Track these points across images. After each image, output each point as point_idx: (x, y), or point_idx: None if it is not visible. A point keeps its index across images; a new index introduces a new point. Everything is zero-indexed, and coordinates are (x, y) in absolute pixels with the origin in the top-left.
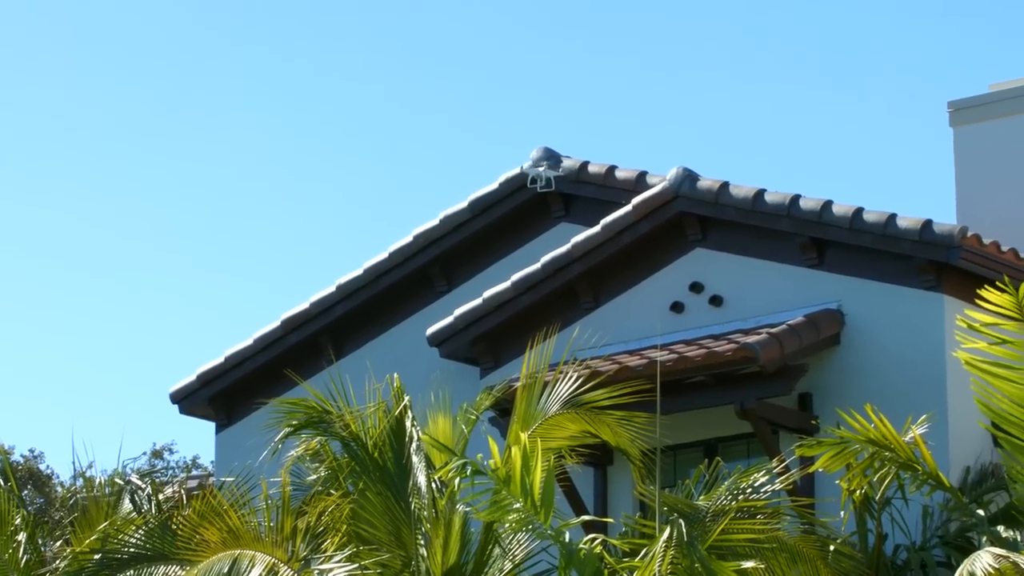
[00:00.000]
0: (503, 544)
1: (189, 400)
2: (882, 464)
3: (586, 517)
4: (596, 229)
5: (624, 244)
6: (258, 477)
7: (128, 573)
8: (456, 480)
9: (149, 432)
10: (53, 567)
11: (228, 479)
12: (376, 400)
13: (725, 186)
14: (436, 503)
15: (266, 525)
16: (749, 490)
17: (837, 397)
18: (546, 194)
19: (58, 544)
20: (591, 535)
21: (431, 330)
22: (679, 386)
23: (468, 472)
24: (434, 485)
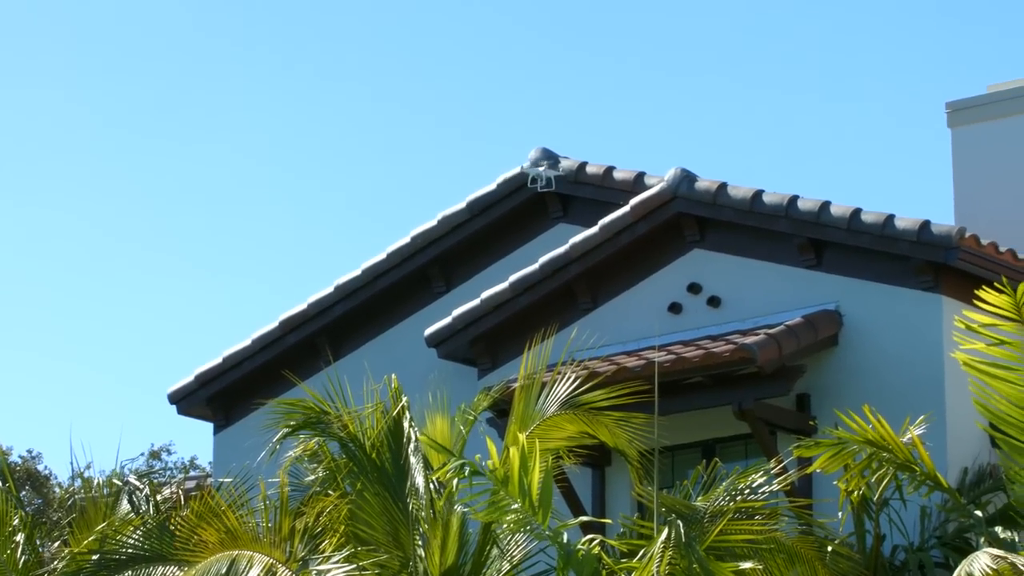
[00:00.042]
0: (501, 545)
1: (187, 401)
2: (880, 465)
3: (584, 518)
4: (594, 230)
5: (622, 245)
6: (256, 478)
7: (126, 574)
8: (454, 481)
9: (147, 433)
10: (51, 568)
11: (226, 480)
12: (374, 401)
13: (723, 187)
14: (434, 504)
15: (264, 526)
16: (747, 491)
17: (835, 398)
18: (544, 195)
19: (56, 545)
20: (589, 536)
21: (429, 331)
22: (677, 387)
23: (466, 473)
24: (432, 486)
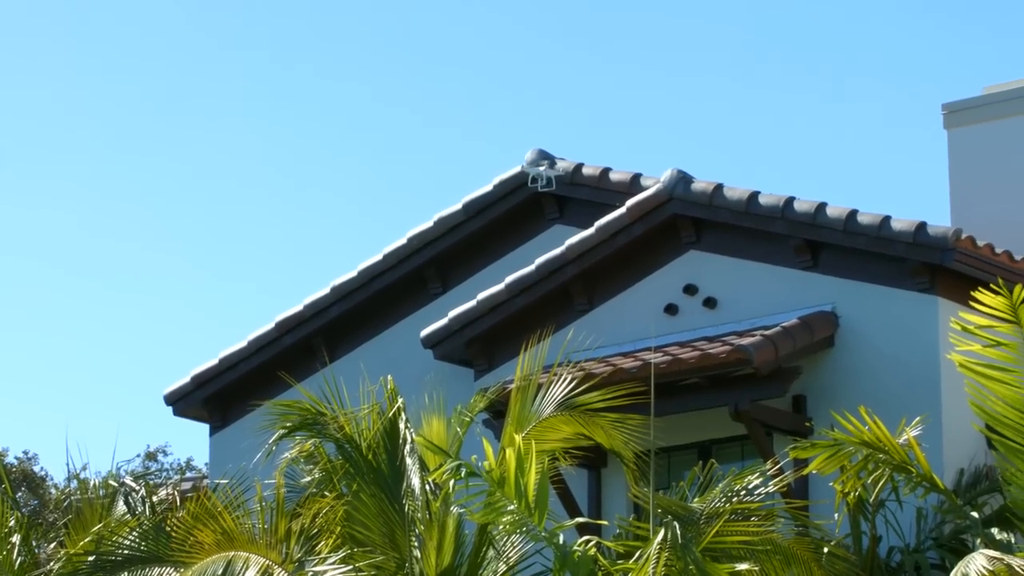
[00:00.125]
0: (497, 546)
1: (183, 402)
2: (876, 466)
3: (580, 519)
4: (590, 231)
5: (618, 246)
6: (252, 479)
7: (122, 575)
8: (450, 482)
9: (143, 434)
10: (47, 569)
11: (222, 481)
12: (370, 402)
13: (719, 188)
14: (430, 505)
15: (260, 527)
16: (743, 492)
17: (831, 399)
18: (540, 196)
19: (52, 546)
20: (585, 537)
21: (425, 332)
22: (673, 388)
23: (462, 474)
24: (428, 487)
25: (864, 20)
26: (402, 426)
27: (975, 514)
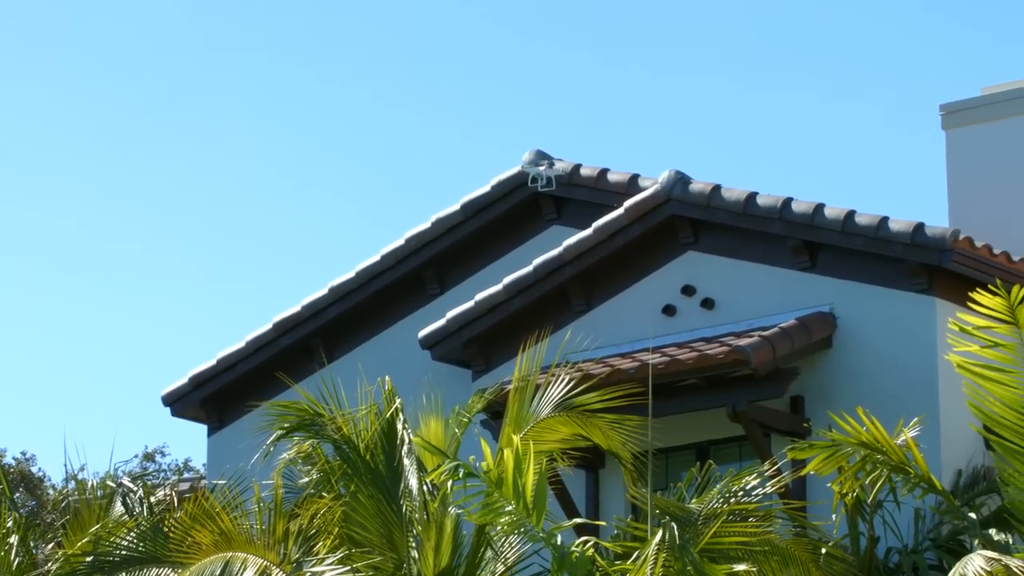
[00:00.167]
0: (495, 547)
1: (181, 403)
2: (874, 467)
3: (578, 520)
4: (588, 232)
5: (616, 247)
6: (250, 480)
7: None
8: (448, 482)
9: (141, 435)
10: (45, 570)
11: (220, 482)
12: (368, 403)
13: (717, 189)
14: (428, 506)
15: (258, 528)
16: (741, 493)
17: (829, 400)
18: (538, 197)
19: (50, 547)
20: (583, 538)
21: (423, 333)
22: (671, 389)
23: (460, 474)
24: (426, 488)
25: (862, 21)
26: (400, 427)
27: (973, 515)
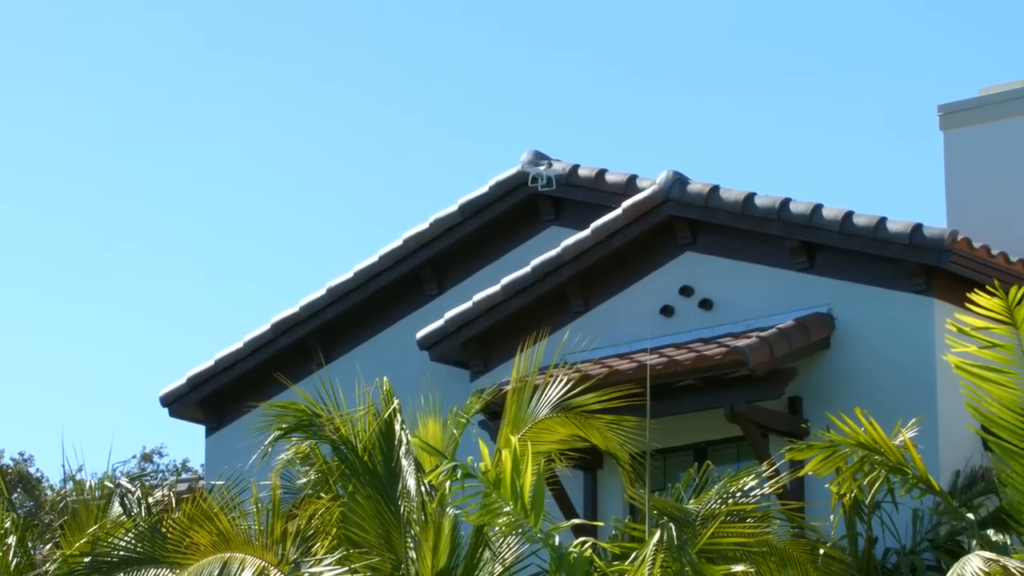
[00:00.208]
0: (493, 547)
1: (179, 403)
2: (872, 468)
3: (576, 520)
4: (586, 233)
5: (614, 248)
6: (248, 480)
7: None
8: (446, 483)
9: (139, 435)
10: (43, 570)
11: (218, 482)
12: (366, 403)
13: (715, 189)
14: (426, 506)
15: (256, 528)
16: (739, 494)
17: (827, 401)
18: (536, 198)
19: (48, 547)
20: (581, 538)
21: (421, 333)
22: (669, 390)
23: (458, 475)
24: (424, 488)
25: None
26: (398, 427)
27: (971, 516)
